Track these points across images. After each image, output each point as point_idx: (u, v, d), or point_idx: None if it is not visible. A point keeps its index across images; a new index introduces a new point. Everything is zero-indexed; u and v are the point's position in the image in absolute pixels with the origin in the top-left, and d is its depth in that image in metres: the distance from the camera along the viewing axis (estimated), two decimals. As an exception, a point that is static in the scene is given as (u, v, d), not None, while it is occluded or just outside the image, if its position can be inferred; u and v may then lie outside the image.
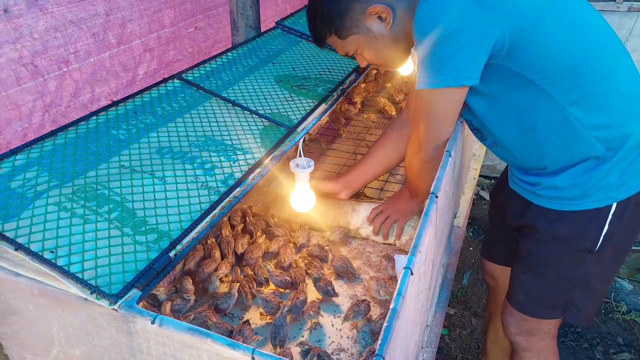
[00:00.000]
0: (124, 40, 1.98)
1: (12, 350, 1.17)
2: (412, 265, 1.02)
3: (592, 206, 1.29)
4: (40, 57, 1.66)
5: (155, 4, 2.06)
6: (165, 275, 0.97)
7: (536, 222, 1.39)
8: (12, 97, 1.60)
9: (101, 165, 1.17)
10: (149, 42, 2.09)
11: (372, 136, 2.78)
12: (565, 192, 1.31)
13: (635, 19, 3.30)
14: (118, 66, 1.99)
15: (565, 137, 1.25)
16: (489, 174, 4.16)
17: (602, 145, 1.24)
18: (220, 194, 1.15)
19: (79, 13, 1.74)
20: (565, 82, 1.18)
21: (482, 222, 3.54)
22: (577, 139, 1.24)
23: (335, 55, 1.95)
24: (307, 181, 1.57)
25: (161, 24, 2.14)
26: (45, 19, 1.62)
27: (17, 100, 1.62)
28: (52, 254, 0.93)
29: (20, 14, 1.56)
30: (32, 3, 1.57)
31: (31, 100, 1.67)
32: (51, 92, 1.73)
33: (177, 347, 0.87)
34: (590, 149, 1.25)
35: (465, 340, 2.66)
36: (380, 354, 0.81)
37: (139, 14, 2.01)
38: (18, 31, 1.57)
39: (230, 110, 1.49)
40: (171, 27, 2.20)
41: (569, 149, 1.27)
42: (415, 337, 1.32)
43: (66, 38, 1.72)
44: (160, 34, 2.13)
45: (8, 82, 1.59)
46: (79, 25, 1.75)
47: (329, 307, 1.56)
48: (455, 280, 2.94)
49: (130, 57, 2.03)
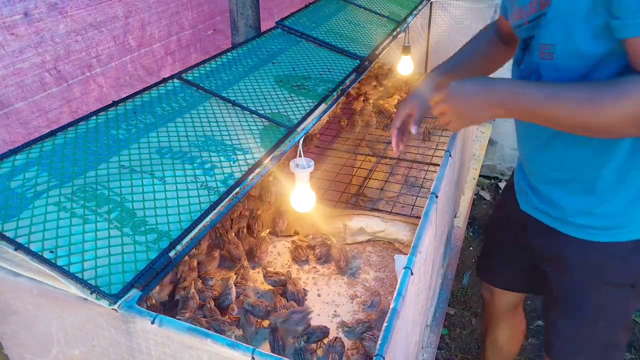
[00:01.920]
0: (145, 44, 1.96)
1: (12, 350, 1.17)
2: (412, 265, 1.02)
3: (634, 237, 1.13)
4: (63, 61, 1.64)
5: (172, 6, 2.04)
6: (165, 275, 0.97)
7: (564, 252, 1.21)
8: (39, 103, 1.57)
9: (101, 165, 1.17)
10: (170, 45, 2.07)
11: (372, 136, 2.78)
12: (602, 219, 1.13)
13: (635, 19, 3.30)
14: (141, 70, 1.96)
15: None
16: (489, 174, 4.16)
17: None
18: (220, 194, 1.15)
19: (98, 16, 1.72)
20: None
21: (482, 222, 3.54)
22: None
23: (335, 55, 1.95)
24: (307, 181, 1.57)
25: (180, 26, 2.12)
26: (65, 23, 1.60)
27: (44, 107, 1.58)
28: (51, 253, 0.93)
29: (40, 17, 1.54)
30: (52, 6, 1.56)
31: (57, 106, 1.64)
32: (76, 97, 1.71)
33: (176, 347, 0.86)
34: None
35: (465, 340, 2.65)
36: (380, 354, 0.81)
37: (157, 17, 1.98)
38: (39, 35, 1.55)
39: (230, 110, 1.49)
40: (190, 29, 2.18)
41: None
42: (415, 337, 1.31)
43: (87, 42, 1.70)
44: (180, 37, 2.11)
45: (33, 88, 1.57)
46: (99, 29, 1.72)
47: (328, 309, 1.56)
48: (455, 280, 2.94)
49: (152, 61, 2.01)
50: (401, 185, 2.33)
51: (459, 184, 2.01)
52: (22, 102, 1.49)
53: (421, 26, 3.43)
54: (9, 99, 1.44)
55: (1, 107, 1.43)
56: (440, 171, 1.34)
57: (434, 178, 1.33)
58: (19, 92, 1.48)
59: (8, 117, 1.45)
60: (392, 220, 1.90)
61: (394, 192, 2.27)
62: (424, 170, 2.44)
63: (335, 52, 1.97)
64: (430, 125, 2.80)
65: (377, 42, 2.13)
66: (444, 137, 2.71)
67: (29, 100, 1.52)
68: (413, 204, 2.16)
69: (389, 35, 2.24)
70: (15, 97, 1.46)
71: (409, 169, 2.46)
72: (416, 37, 3.45)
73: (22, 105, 1.50)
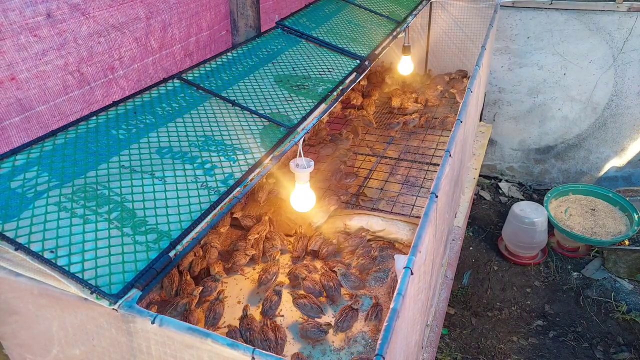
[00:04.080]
0: (165, 45, 1.91)
1: (12, 350, 1.17)
2: (412, 265, 1.02)
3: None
4: (86, 63, 1.59)
5: (192, 7, 2.01)
6: (165, 275, 0.97)
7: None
8: (60, 106, 1.52)
9: (101, 165, 1.17)
10: (189, 47, 2.03)
11: (371, 136, 2.78)
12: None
13: (635, 18, 3.30)
14: (161, 72, 1.91)
15: None
16: (489, 174, 4.16)
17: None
18: (220, 194, 1.15)
19: (120, 17, 1.69)
20: None
21: (482, 222, 3.54)
22: None
23: (335, 55, 1.95)
24: (307, 181, 1.57)
25: (199, 27, 2.09)
26: (87, 24, 1.57)
27: (65, 110, 1.52)
28: (52, 254, 0.93)
29: (63, 18, 1.50)
30: (74, 7, 1.52)
31: (78, 110, 1.59)
32: (98, 100, 1.66)
33: (177, 347, 0.86)
34: None
35: (465, 340, 2.65)
36: (380, 354, 0.81)
37: (178, 17, 1.94)
38: (62, 37, 1.51)
39: (230, 110, 1.49)
40: (207, 30, 2.15)
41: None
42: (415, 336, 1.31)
43: (110, 43, 1.66)
44: (199, 38, 2.08)
45: (55, 91, 1.51)
46: (122, 30, 1.68)
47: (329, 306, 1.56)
48: (455, 280, 2.94)
49: (172, 63, 1.97)
50: (401, 185, 2.33)
51: (459, 183, 2.01)
52: (43, 106, 1.46)
53: (421, 26, 3.43)
54: (30, 102, 1.41)
55: (22, 110, 1.39)
56: (440, 171, 1.34)
57: (434, 178, 1.33)
58: (41, 95, 1.44)
59: (29, 120, 1.42)
60: (392, 219, 1.90)
61: (394, 191, 2.27)
62: (424, 170, 2.44)
63: (335, 52, 1.97)
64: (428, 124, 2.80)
65: (377, 42, 2.13)
66: (444, 137, 2.72)
67: (51, 103, 1.48)
68: (413, 204, 2.16)
69: (389, 35, 2.24)
70: (37, 100, 1.42)
71: (409, 169, 2.46)
72: (416, 37, 3.45)
73: (43, 108, 1.47)
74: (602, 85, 3.58)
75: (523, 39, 3.59)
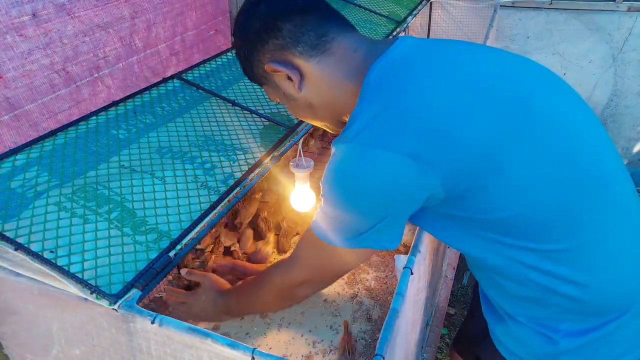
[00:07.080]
0: (150, 44, 1.93)
1: (12, 350, 1.17)
2: (412, 264, 1.02)
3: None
4: (72, 62, 1.61)
5: (177, 7, 2.02)
6: (165, 275, 0.97)
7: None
8: (48, 104, 1.54)
9: (101, 165, 1.17)
10: (174, 46, 2.05)
11: (372, 136, 2.78)
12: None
13: (635, 18, 3.30)
14: (147, 71, 1.94)
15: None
16: (488, 174, 4.16)
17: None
18: (220, 194, 1.15)
19: (105, 17, 1.69)
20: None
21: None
22: None
23: (335, 55, 1.95)
24: (307, 181, 1.57)
25: (184, 26, 2.10)
26: (73, 24, 1.57)
27: (54, 108, 1.55)
28: (52, 253, 0.93)
29: (49, 18, 1.52)
30: (60, 7, 1.54)
31: (67, 108, 1.61)
32: (85, 99, 1.68)
33: (177, 347, 0.87)
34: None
35: (465, 340, 2.66)
36: (380, 354, 0.81)
37: (163, 17, 1.96)
38: (48, 36, 1.53)
39: (230, 110, 1.49)
40: (194, 29, 2.16)
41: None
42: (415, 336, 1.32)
43: (95, 43, 1.67)
44: (184, 37, 2.09)
45: (42, 89, 1.54)
46: (106, 29, 1.70)
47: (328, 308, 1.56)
48: (455, 280, 2.94)
49: (158, 62, 1.98)
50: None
51: (458, 183, 2.01)
52: (32, 104, 1.47)
53: (421, 26, 3.43)
54: (19, 100, 1.42)
55: (12, 109, 1.40)
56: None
57: (433, 178, 1.33)
58: (29, 93, 1.45)
59: (19, 119, 1.43)
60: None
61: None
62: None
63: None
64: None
65: (377, 42, 2.13)
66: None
67: (39, 101, 1.50)
68: (413, 204, 2.15)
69: (389, 35, 2.24)
70: (25, 98, 1.44)
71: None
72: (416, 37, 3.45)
73: (32, 107, 1.48)
74: (602, 85, 3.58)
75: (523, 39, 3.59)
